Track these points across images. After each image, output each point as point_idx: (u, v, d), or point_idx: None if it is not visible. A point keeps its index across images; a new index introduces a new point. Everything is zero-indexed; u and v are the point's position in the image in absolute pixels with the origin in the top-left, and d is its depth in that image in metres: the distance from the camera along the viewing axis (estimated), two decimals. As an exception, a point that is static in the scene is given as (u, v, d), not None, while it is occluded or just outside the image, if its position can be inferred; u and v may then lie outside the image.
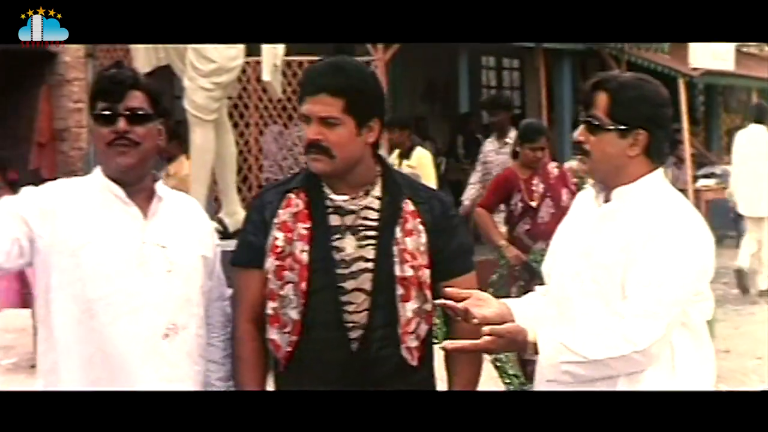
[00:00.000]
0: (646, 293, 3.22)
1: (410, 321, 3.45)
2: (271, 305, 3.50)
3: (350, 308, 3.45)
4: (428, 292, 3.46)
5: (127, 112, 3.43)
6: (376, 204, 3.52)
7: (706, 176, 18.33)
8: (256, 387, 3.53)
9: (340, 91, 3.40)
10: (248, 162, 12.48)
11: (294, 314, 3.47)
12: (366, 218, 3.50)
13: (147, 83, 3.52)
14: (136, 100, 3.46)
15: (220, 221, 7.48)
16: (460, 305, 3.28)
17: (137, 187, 3.51)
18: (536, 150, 8.12)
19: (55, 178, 3.67)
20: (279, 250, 3.49)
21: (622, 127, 3.37)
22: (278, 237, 3.50)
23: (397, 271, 3.44)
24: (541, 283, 3.66)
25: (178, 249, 3.52)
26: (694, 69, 17.24)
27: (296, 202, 3.53)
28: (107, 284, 3.38)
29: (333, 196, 3.52)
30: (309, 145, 3.45)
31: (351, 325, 3.44)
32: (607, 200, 3.45)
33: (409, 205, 3.51)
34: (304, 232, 3.49)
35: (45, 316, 3.45)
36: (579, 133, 3.44)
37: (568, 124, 17.24)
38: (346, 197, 3.52)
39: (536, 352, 3.18)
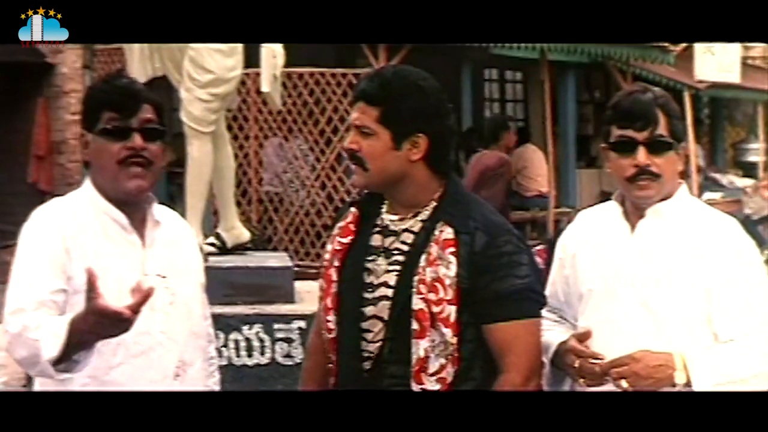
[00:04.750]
0: (750, 312, 3.21)
1: (425, 360, 3.15)
2: (321, 318, 3.40)
3: (368, 336, 3.23)
4: (448, 330, 3.14)
5: (142, 127, 3.17)
6: (418, 227, 3.25)
7: (712, 189, 18.18)
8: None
9: (375, 99, 3.18)
10: (248, 175, 12.34)
11: (326, 333, 3.34)
12: (403, 242, 3.25)
13: (155, 96, 3.28)
14: (149, 113, 3.20)
15: (218, 236, 7.31)
16: (589, 351, 3.24)
17: (136, 209, 3.23)
18: None
19: (53, 191, 3.44)
20: (325, 262, 3.35)
21: (679, 142, 3.28)
22: (328, 249, 3.36)
23: (413, 304, 3.16)
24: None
25: (178, 278, 3.28)
26: (700, 81, 17.10)
27: (351, 216, 3.35)
28: None
29: (384, 215, 3.30)
30: (347, 154, 3.26)
31: (366, 354, 3.23)
32: (639, 217, 3.30)
33: (445, 233, 3.18)
34: (339, 247, 3.32)
35: None
36: (644, 158, 3.24)
37: (572, 138, 17.09)
38: (395, 217, 3.28)
39: (686, 378, 3.13)
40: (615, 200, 3.39)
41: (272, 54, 7.26)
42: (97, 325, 2.84)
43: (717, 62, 17.03)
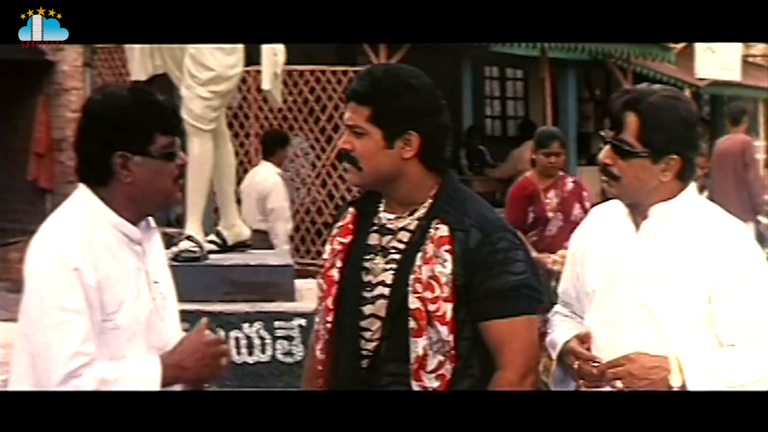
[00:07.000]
0: (753, 318, 3.18)
1: (424, 358, 3.15)
2: (317, 319, 3.39)
3: (366, 335, 3.23)
4: (444, 328, 3.14)
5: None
6: (413, 226, 3.24)
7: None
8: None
9: (365, 98, 3.18)
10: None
11: (323, 332, 3.33)
12: (400, 240, 3.24)
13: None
14: None
15: (218, 234, 7.31)
16: (587, 354, 3.24)
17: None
18: (550, 155, 8.06)
19: (53, 189, 3.40)
20: (325, 262, 3.34)
21: (654, 153, 3.19)
22: (327, 249, 3.36)
23: (409, 302, 3.16)
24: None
25: (164, 275, 3.29)
26: (701, 79, 17.12)
27: (349, 216, 3.35)
28: (139, 342, 3.11)
29: (381, 214, 3.30)
30: (340, 153, 3.26)
31: (364, 353, 3.23)
32: (643, 217, 3.28)
33: (441, 230, 3.17)
34: (339, 247, 3.31)
35: None
36: (605, 156, 3.24)
37: (572, 135, 17.09)
38: (392, 216, 3.28)
39: (682, 381, 3.12)
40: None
41: (273, 52, 7.26)
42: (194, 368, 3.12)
43: (717, 60, 17.06)
